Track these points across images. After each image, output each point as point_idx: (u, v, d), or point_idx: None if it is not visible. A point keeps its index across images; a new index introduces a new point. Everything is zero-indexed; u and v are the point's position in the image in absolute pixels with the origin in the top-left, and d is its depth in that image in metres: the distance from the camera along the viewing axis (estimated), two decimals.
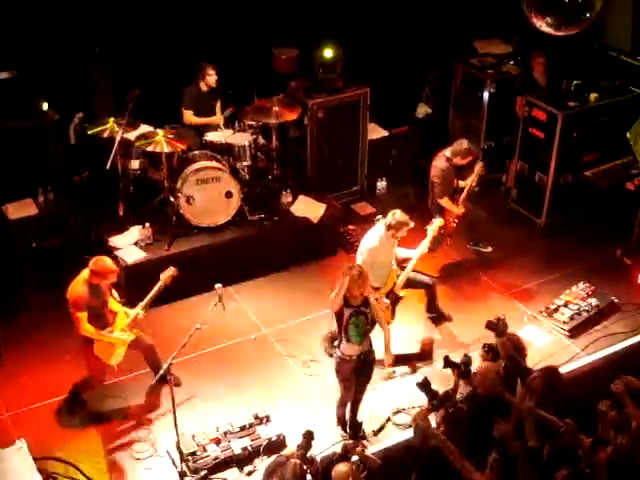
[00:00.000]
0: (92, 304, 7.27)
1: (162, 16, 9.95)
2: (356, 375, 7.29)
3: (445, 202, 9.30)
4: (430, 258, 9.00)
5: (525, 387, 6.72)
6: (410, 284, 8.40)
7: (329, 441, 7.43)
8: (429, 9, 11.31)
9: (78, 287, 7.25)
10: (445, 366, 7.04)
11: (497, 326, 6.92)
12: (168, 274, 7.52)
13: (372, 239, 8.15)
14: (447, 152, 9.35)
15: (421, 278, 8.64)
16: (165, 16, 9.97)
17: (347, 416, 7.61)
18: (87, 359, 7.49)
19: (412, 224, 8.08)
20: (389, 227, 8.03)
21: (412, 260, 8.23)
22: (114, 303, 7.55)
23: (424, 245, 8.25)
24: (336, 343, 7.24)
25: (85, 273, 7.27)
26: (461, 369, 6.89)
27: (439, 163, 9.38)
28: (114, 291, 7.61)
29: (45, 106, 9.50)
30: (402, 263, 8.34)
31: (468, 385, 6.95)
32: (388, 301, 8.12)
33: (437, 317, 8.84)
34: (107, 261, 7.30)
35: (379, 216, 8.29)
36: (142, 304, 7.49)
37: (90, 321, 7.25)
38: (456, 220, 9.40)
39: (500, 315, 7.04)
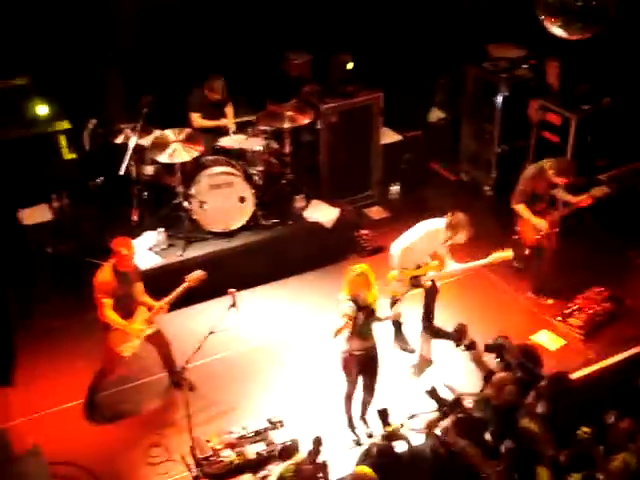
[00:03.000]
0: (118, 292, 7.37)
1: (174, 21, 10.00)
2: (362, 370, 7.34)
3: (521, 208, 8.88)
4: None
5: (536, 395, 6.73)
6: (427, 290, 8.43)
7: (342, 445, 7.44)
8: (442, 14, 11.31)
9: (105, 273, 7.37)
10: (437, 336, 7.13)
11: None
12: (195, 276, 7.55)
13: (428, 226, 8.18)
14: (546, 161, 8.93)
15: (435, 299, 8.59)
16: (177, 21, 10.02)
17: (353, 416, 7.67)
18: (103, 347, 7.56)
19: (469, 234, 8.04)
20: (448, 225, 8.04)
21: (456, 266, 8.23)
22: (140, 295, 7.62)
23: (475, 264, 8.21)
24: (344, 339, 7.24)
25: (113, 260, 7.36)
26: (453, 338, 6.97)
27: (531, 168, 9.03)
28: (140, 283, 7.67)
29: (44, 110, 9.53)
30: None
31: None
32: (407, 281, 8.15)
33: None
34: (121, 239, 7.40)
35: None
36: (166, 299, 7.53)
37: (114, 310, 7.35)
38: (541, 234, 8.97)
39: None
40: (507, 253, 8.10)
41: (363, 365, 7.32)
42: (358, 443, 7.53)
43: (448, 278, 8.44)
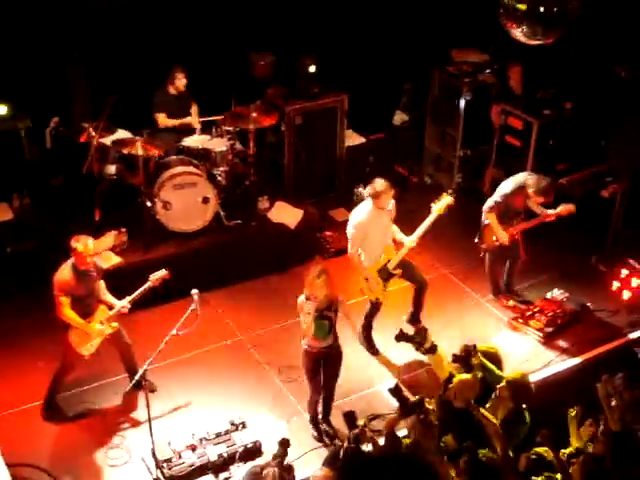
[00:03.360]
0: (77, 291, 7.31)
1: (140, 21, 9.93)
2: (323, 368, 7.37)
3: (491, 217, 8.85)
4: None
5: (496, 397, 6.78)
6: (406, 274, 8.43)
7: (305, 447, 7.44)
8: (407, 17, 11.37)
9: (64, 271, 7.31)
10: (399, 340, 7.16)
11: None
12: (159, 275, 7.52)
13: (359, 213, 8.20)
14: (528, 178, 8.76)
15: (419, 273, 8.58)
16: (143, 21, 9.95)
17: (319, 415, 7.69)
18: (62, 345, 7.50)
19: (391, 190, 8.08)
20: (371, 197, 8.08)
21: (411, 237, 8.21)
22: (102, 293, 7.58)
23: (426, 224, 8.20)
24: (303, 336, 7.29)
25: (72, 259, 7.29)
26: (414, 341, 7.00)
27: (511, 181, 8.87)
28: (102, 282, 7.62)
29: (3, 110, 9.42)
30: (400, 245, 8.36)
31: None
32: (378, 278, 8.19)
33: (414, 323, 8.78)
34: (78, 236, 7.29)
35: (360, 189, 8.22)
36: (129, 298, 7.50)
37: (74, 308, 7.29)
38: (498, 242, 8.94)
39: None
40: (446, 198, 8.20)
41: (320, 362, 7.35)
42: (319, 440, 7.57)
43: (409, 252, 8.36)
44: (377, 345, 8.67)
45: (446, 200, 8.23)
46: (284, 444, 6.39)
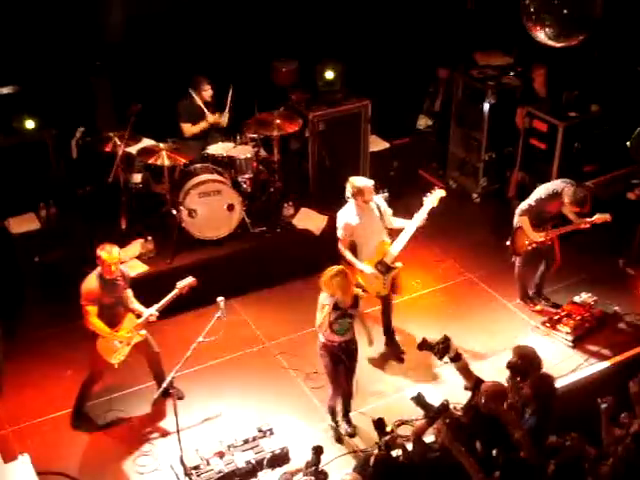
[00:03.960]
0: (104, 300, 7.36)
1: (163, 30, 10.00)
2: (340, 362, 7.39)
3: (523, 220, 8.89)
4: (434, 267, 8.96)
5: (522, 401, 6.73)
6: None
7: (333, 453, 7.43)
8: (430, 21, 11.36)
9: (91, 280, 7.36)
10: (421, 348, 7.10)
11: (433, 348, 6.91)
12: (186, 283, 7.53)
13: (344, 215, 8.19)
14: (565, 186, 8.71)
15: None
16: (166, 30, 10.02)
17: (338, 414, 7.74)
18: (90, 354, 7.55)
19: (371, 182, 8.10)
20: (354, 196, 8.06)
21: (407, 230, 8.15)
22: (129, 302, 7.61)
23: (421, 216, 8.13)
24: (321, 332, 7.31)
25: (99, 268, 7.34)
26: (436, 351, 6.93)
27: (547, 187, 8.88)
28: (130, 291, 7.65)
29: (31, 125, 9.50)
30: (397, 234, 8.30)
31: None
32: (375, 271, 8.13)
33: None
34: (104, 245, 7.34)
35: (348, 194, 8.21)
36: (156, 306, 7.52)
37: (101, 317, 7.34)
38: (533, 245, 8.98)
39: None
40: (438, 191, 8.13)
41: (337, 356, 7.37)
42: (339, 442, 7.61)
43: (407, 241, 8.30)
44: (402, 350, 8.67)
45: (439, 193, 8.16)
46: (317, 451, 6.38)
